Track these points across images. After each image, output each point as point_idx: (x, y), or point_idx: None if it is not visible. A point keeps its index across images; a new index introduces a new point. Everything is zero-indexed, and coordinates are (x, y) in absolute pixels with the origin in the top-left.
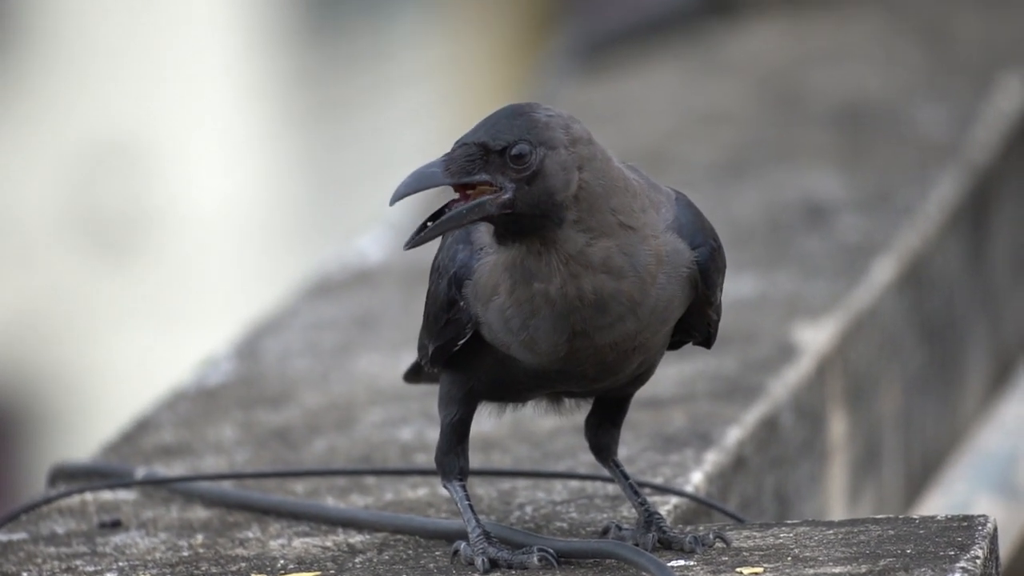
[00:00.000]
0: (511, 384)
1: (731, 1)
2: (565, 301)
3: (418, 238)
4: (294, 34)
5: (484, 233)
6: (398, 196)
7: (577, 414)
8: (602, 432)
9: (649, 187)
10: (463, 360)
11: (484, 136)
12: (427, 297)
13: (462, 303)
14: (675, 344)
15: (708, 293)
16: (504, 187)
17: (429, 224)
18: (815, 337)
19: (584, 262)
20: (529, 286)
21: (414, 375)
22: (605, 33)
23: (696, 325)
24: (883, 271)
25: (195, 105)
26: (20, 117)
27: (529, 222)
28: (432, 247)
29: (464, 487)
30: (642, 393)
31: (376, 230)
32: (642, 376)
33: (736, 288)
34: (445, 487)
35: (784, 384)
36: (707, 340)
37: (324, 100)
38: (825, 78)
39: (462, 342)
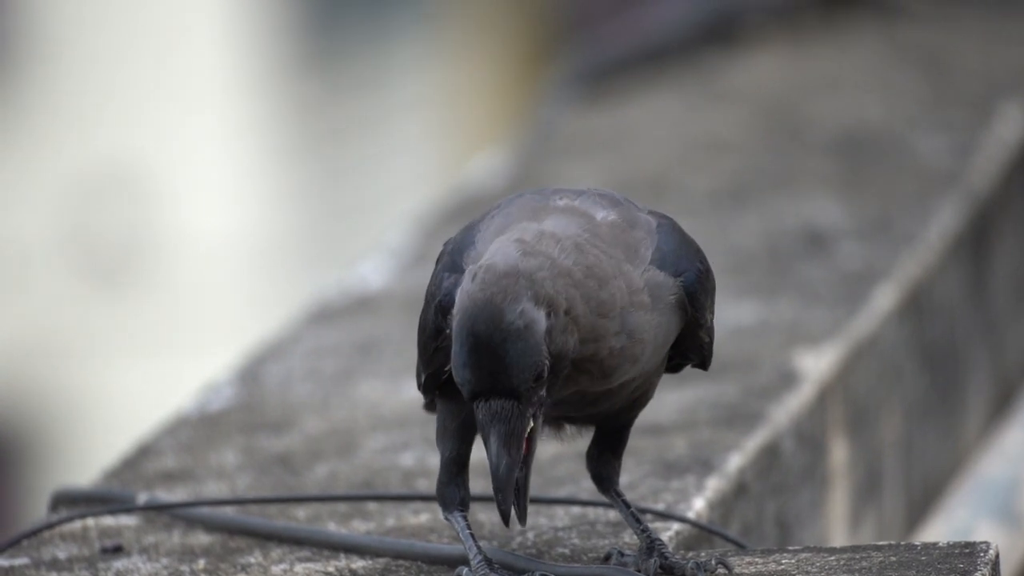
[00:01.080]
0: None
1: (731, 30)
2: (571, 383)
3: (523, 506)
4: (293, 62)
5: (470, 259)
6: (520, 510)
7: (578, 441)
8: (603, 462)
9: (627, 226)
10: (454, 388)
11: (501, 384)
12: (418, 325)
13: (448, 331)
14: (675, 368)
15: (697, 316)
16: (540, 405)
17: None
18: (816, 364)
19: (583, 368)
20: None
21: (431, 405)
22: (606, 61)
23: (690, 347)
24: (884, 299)
25: (194, 133)
26: (19, 145)
27: (568, 373)
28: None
29: (465, 517)
30: (643, 420)
31: (377, 256)
32: (639, 400)
33: (736, 315)
34: (446, 518)
35: (785, 411)
36: (703, 362)
37: (323, 128)
38: (825, 106)
39: (449, 369)
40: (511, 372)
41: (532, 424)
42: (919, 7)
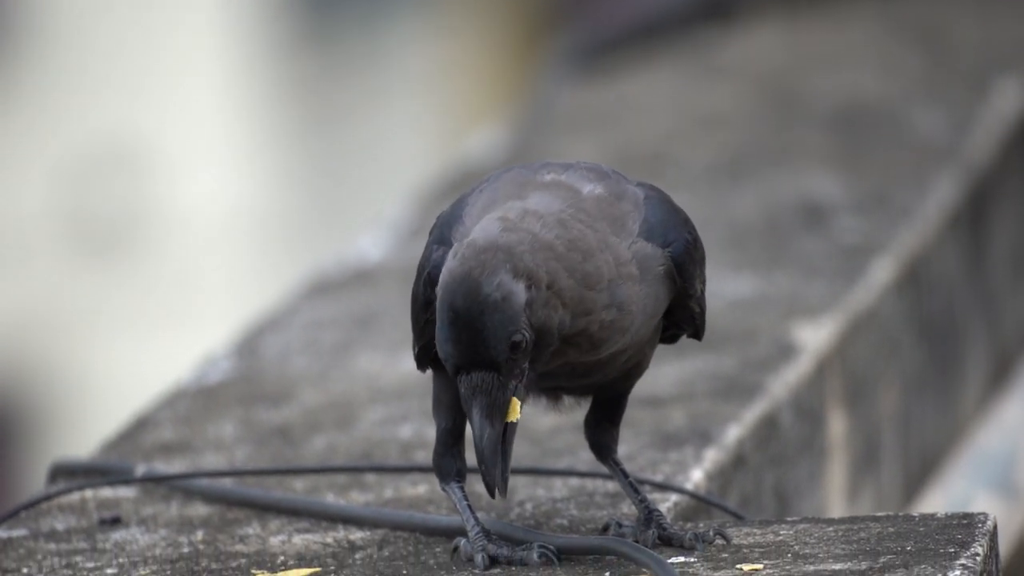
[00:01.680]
0: None
1: (729, 5)
2: (560, 355)
3: (505, 477)
4: (291, 39)
5: (458, 233)
6: (504, 482)
7: (576, 412)
8: (601, 431)
9: (614, 199)
10: None
11: (480, 356)
12: (411, 297)
13: (437, 302)
14: (670, 338)
15: (686, 286)
16: (523, 375)
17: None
18: (814, 337)
19: (585, 344)
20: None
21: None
22: (603, 37)
23: (682, 318)
24: (882, 272)
25: (192, 109)
26: (17, 120)
27: (553, 345)
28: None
29: (462, 488)
30: (641, 391)
31: (376, 230)
32: (634, 370)
33: (735, 288)
34: (443, 489)
35: (783, 383)
36: (696, 332)
37: (321, 105)
38: (822, 81)
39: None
40: (489, 344)
41: (515, 396)
42: None
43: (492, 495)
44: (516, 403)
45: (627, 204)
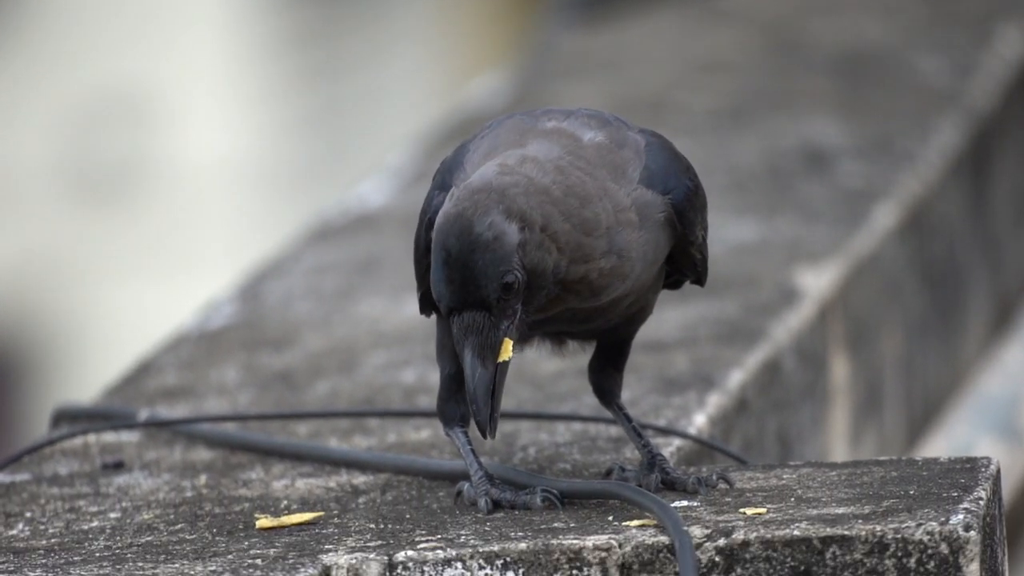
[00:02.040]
0: None
1: None
2: (559, 302)
3: (495, 418)
4: None
5: (459, 179)
6: (493, 422)
7: (580, 356)
8: (605, 376)
9: (614, 146)
10: None
11: (472, 296)
12: (413, 243)
13: None
14: (674, 284)
15: (687, 233)
16: (515, 317)
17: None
18: (816, 282)
19: (584, 290)
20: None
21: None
22: None
23: (684, 264)
24: (884, 217)
25: (194, 58)
26: (19, 70)
27: (548, 292)
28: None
29: (466, 432)
30: (644, 336)
31: (378, 176)
32: (637, 315)
33: (737, 233)
34: (447, 434)
35: (786, 328)
36: (699, 279)
37: (323, 53)
38: (825, 26)
39: None
40: (480, 283)
41: (507, 336)
42: None
43: (484, 436)
44: (508, 343)
45: (628, 151)
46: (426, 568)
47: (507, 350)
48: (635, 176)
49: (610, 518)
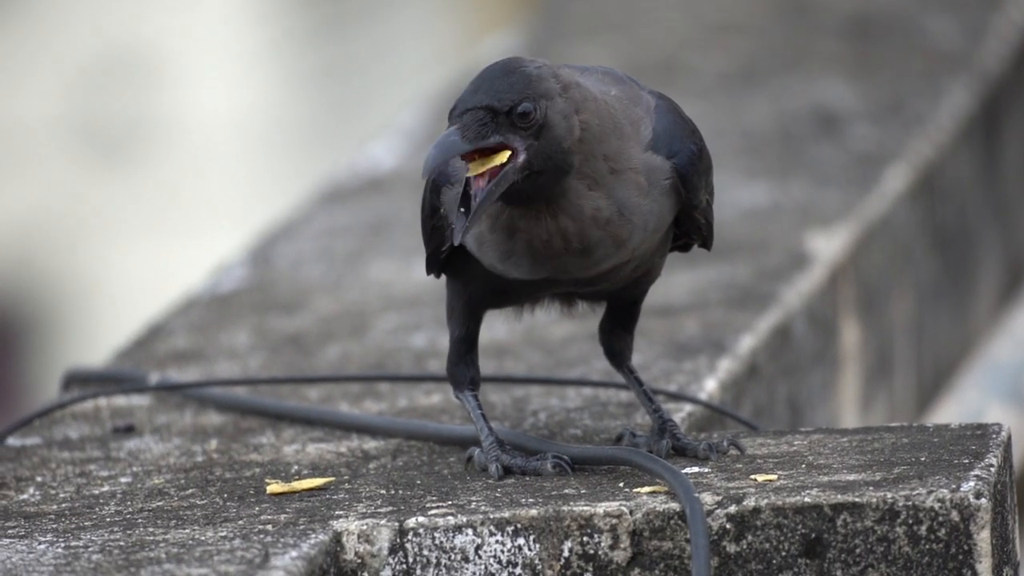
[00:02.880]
0: (506, 292)
1: None
2: (549, 249)
3: (466, 226)
4: None
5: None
6: (429, 170)
7: (590, 319)
8: (615, 338)
9: (629, 103)
10: (458, 267)
11: (488, 99)
12: (420, 205)
13: (442, 210)
14: (683, 247)
15: (691, 198)
16: (518, 149)
17: (462, 210)
18: (828, 246)
19: (575, 215)
20: (512, 236)
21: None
22: None
23: (690, 228)
24: (895, 180)
25: (202, 15)
26: (25, 28)
27: (545, 179)
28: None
29: (476, 396)
30: (654, 301)
31: (388, 137)
32: (644, 278)
33: (749, 197)
34: (457, 397)
35: (797, 292)
36: (705, 243)
37: (332, 10)
38: None
39: (445, 249)
40: (501, 94)
41: (505, 170)
42: None
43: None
44: (505, 153)
45: (640, 110)
46: (436, 534)
47: (502, 156)
48: (647, 135)
49: (621, 484)
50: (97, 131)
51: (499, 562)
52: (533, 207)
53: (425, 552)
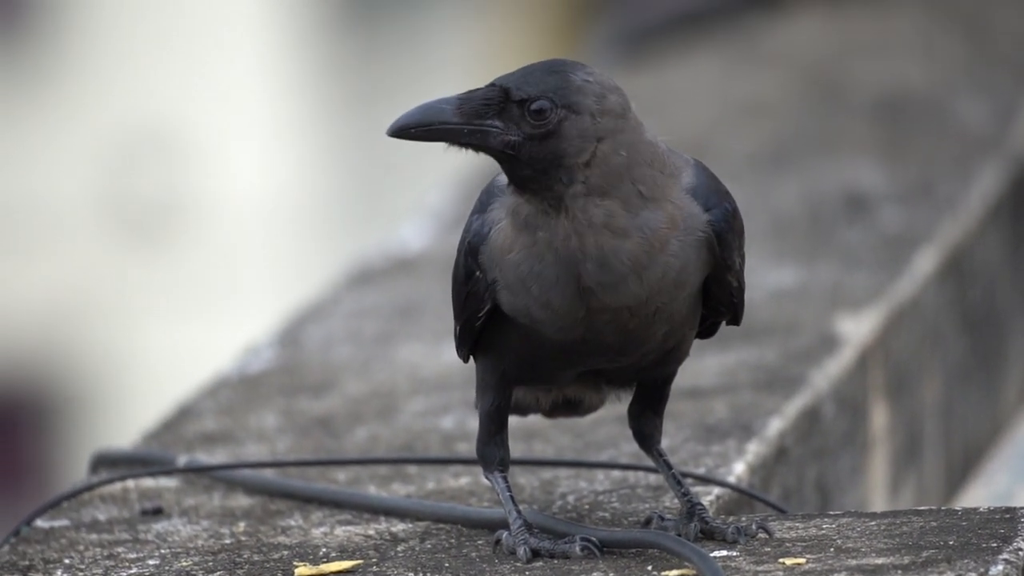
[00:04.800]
0: (539, 362)
1: None
2: (568, 250)
3: (408, 132)
4: (331, 23)
5: (499, 209)
6: (399, 125)
7: (618, 404)
8: (645, 420)
9: (671, 152)
10: (491, 341)
11: (511, 83)
12: (452, 277)
13: (478, 273)
14: (708, 329)
15: (725, 256)
16: (511, 136)
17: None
18: (857, 328)
19: (587, 220)
20: (534, 235)
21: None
22: (646, 23)
23: (720, 297)
24: (925, 262)
25: (232, 92)
26: (57, 103)
27: (531, 174)
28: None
29: (505, 478)
30: (683, 383)
31: (417, 218)
32: (673, 353)
33: (777, 278)
34: (487, 478)
35: (826, 375)
36: (735, 315)
37: (361, 88)
38: (866, 69)
39: (483, 314)
40: (527, 84)
41: (490, 128)
42: None
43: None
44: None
45: (680, 161)
46: None
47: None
48: (686, 182)
49: (649, 567)
50: (126, 210)
51: None
52: (542, 206)
53: None
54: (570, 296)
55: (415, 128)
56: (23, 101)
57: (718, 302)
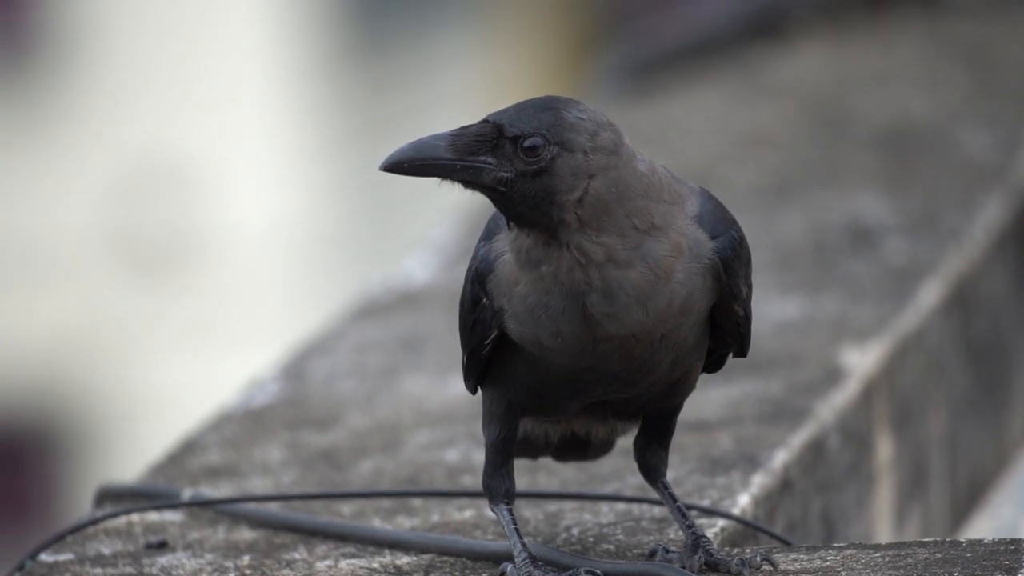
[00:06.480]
0: (547, 392)
1: (776, 25)
2: (572, 282)
3: (401, 167)
4: (337, 53)
5: (502, 240)
6: (392, 161)
7: (623, 438)
8: (650, 453)
9: (673, 181)
10: (498, 371)
11: (504, 119)
12: (459, 307)
13: (485, 300)
14: (714, 363)
15: (731, 284)
16: (507, 179)
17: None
18: (861, 360)
19: (586, 256)
20: (538, 269)
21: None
22: (651, 55)
23: (727, 328)
24: (929, 294)
25: (237, 125)
26: (64, 137)
27: (524, 211)
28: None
29: (511, 510)
30: (688, 416)
31: (422, 252)
32: (680, 385)
33: (782, 311)
34: (492, 510)
35: (831, 407)
36: (741, 347)
37: (367, 120)
38: (870, 101)
39: (489, 341)
40: (519, 121)
41: (483, 164)
42: (964, 1)
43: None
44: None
45: (684, 189)
46: None
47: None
48: (691, 210)
49: None
50: (131, 244)
51: None
52: (542, 237)
53: None
54: (577, 325)
55: (408, 163)
56: (30, 135)
57: (725, 333)
